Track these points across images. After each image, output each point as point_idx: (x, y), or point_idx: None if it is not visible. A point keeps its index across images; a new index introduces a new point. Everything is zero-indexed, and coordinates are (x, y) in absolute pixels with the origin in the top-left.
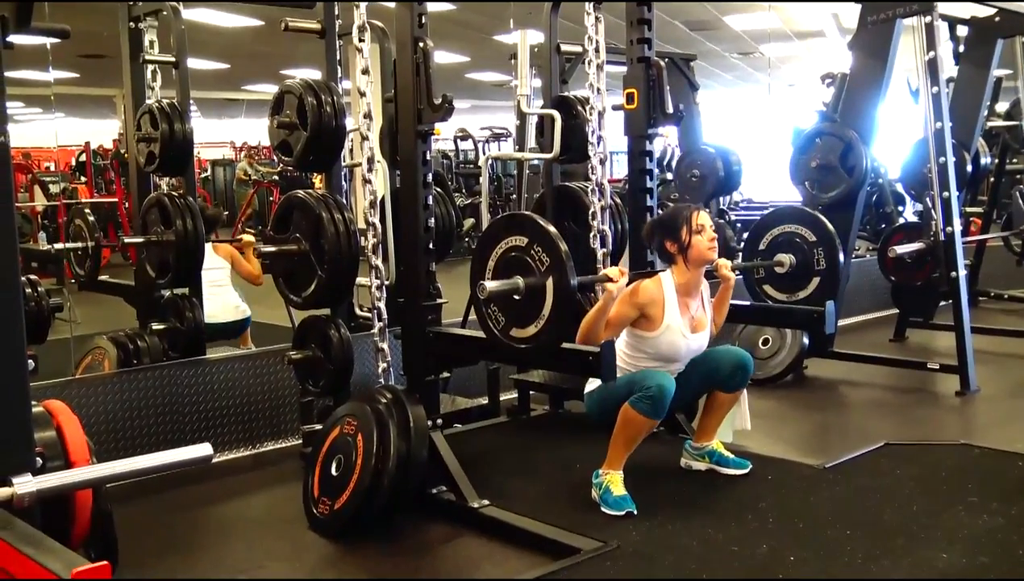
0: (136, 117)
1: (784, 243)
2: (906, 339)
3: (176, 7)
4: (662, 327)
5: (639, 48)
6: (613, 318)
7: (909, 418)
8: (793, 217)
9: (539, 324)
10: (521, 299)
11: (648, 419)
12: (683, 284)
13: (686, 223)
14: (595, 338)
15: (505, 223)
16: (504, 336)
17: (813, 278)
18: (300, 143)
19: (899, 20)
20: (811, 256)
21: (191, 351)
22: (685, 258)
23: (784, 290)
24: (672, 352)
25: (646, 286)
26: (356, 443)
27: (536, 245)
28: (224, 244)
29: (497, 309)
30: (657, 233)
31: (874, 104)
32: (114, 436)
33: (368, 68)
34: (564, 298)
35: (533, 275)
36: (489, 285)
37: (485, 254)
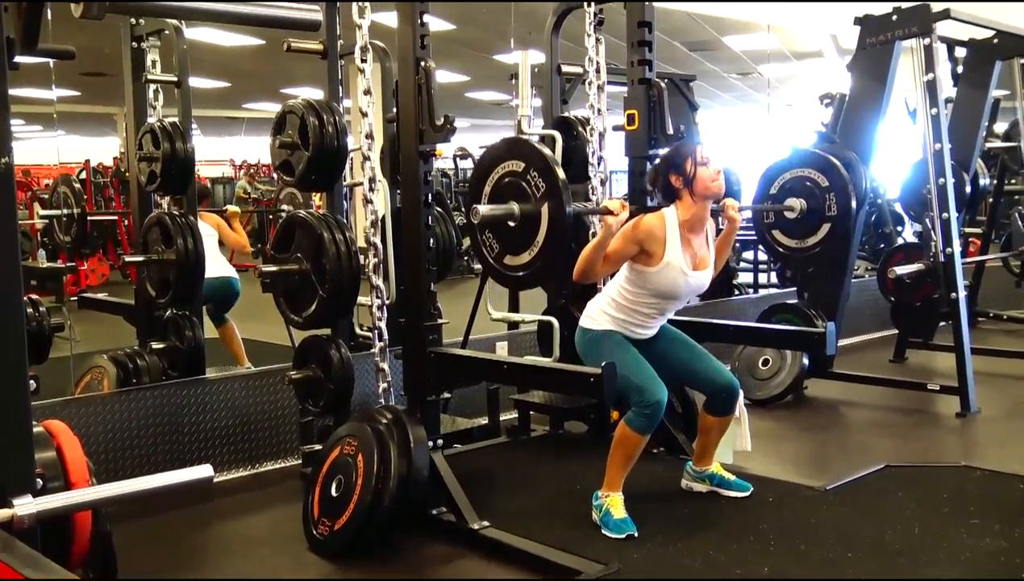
0: (138, 136)
1: (795, 188)
2: (906, 360)
3: (178, 27)
4: (662, 263)
5: (640, 69)
6: (612, 253)
7: (910, 439)
8: (806, 161)
9: (533, 251)
10: (516, 226)
11: (643, 436)
12: (687, 220)
13: (691, 156)
14: (592, 273)
15: (503, 147)
16: (498, 264)
17: (823, 224)
18: (302, 163)
19: (898, 42)
20: (822, 201)
21: (191, 370)
22: (691, 191)
23: (794, 236)
24: (672, 289)
25: (648, 221)
26: (356, 463)
27: (532, 170)
28: (211, 214)
29: (492, 236)
30: (662, 170)
31: (873, 124)
32: (114, 456)
33: (370, 88)
34: (559, 225)
35: (529, 201)
36: (482, 209)
37: (481, 179)
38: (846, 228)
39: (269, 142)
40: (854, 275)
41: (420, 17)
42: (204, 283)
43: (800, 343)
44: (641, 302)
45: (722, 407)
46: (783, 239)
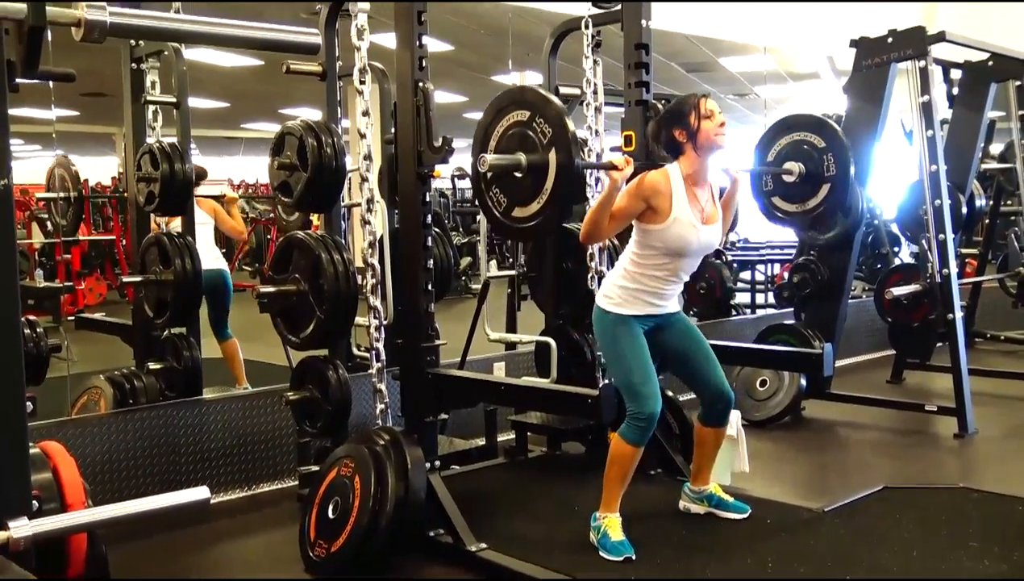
0: (136, 157)
1: (792, 152)
2: (903, 380)
3: (178, 48)
4: (670, 219)
5: (637, 91)
6: (618, 211)
7: (908, 460)
8: (800, 124)
9: (541, 200)
10: (523, 177)
11: (637, 448)
12: (691, 174)
13: (694, 109)
14: (599, 232)
15: (506, 99)
16: (506, 218)
17: (823, 185)
18: (300, 184)
19: (894, 64)
20: (820, 163)
21: (188, 391)
22: (694, 145)
23: (793, 200)
24: (682, 245)
25: (652, 177)
26: (353, 485)
27: (538, 117)
28: (208, 199)
29: (499, 190)
30: (665, 124)
31: (869, 146)
32: (110, 476)
33: (368, 110)
34: (567, 173)
35: (535, 151)
36: (490, 157)
37: (487, 132)
38: (845, 188)
39: (268, 162)
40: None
41: (418, 39)
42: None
43: (798, 364)
44: (653, 265)
45: (716, 418)
46: (784, 205)
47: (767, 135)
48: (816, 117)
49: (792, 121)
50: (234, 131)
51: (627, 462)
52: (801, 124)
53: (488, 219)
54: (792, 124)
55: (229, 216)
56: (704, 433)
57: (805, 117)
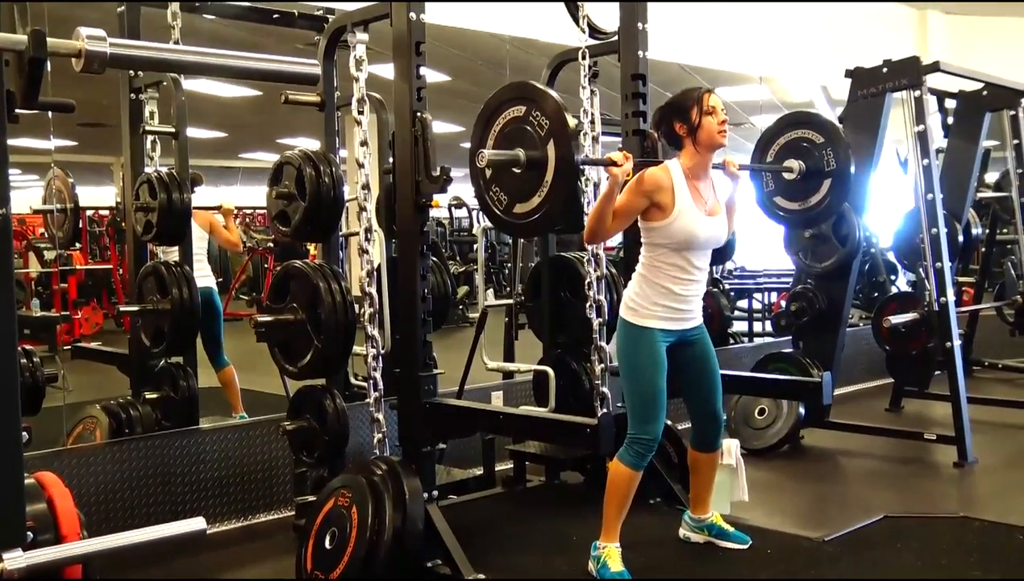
0: (135, 186)
1: (791, 149)
2: (902, 409)
3: (177, 78)
4: (675, 213)
5: (634, 121)
6: (620, 207)
7: (908, 489)
8: (797, 122)
9: (542, 193)
10: (522, 172)
11: (635, 472)
12: (692, 168)
13: (696, 104)
14: (603, 230)
15: (503, 95)
16: (508, 215)
17: (824, 181)
18: (298, 213)
19: (889, 94)
20: (820, 159)
21: (184, 421)
22: (694, 140)
23: (795, 198)
24: (689, 237)
25: (652, 172)
26: (351, 515)
27: (535, 110)
28: (203, 211)
29: (499, 188)
30: (666, 116)
31: (865, 175)
32: (105, 507)
33: (366, 140)
34: (566, 165)
35: (534, 144)
36: (488, 153)
37: (485, 130)
38: (847, 180)
39: (266, 192)
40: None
41: (416, 70)
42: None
43: (796, 392)
44: (666, 263)
45: (707, 442)
46: (785, 204)
47: (765, 136)
48: (812, 113)
49: (788, 119)
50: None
51: (625, 486)
52: (798, 121)
53: (490, 218)
54: (789, 122)
55: (225, 228)
56: (697, 459)
57: (801, 114)
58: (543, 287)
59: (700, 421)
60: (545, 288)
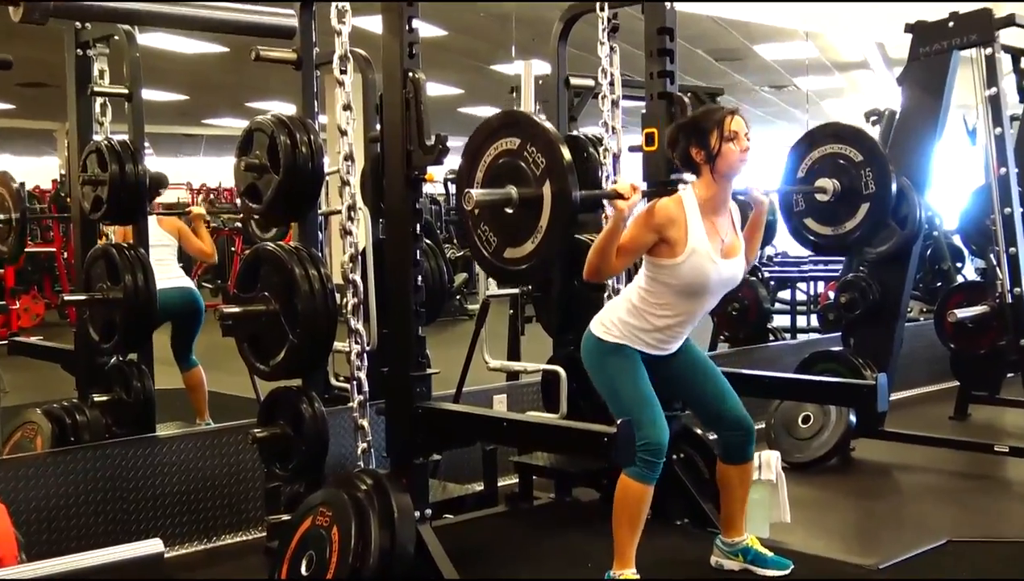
0: (82, 156)
1: (825, 167)
2: (968, 417)
3: (130, 31)
4: (686, 252)
5: (660, 82)
6: (626, 243)
7: (975, 510)
8: (833, 135)
9: (536, 239)
10: (515, 212)
11: (647, 485)
12: (708, 200)
13: (717, 127)
14: (606, 268)
15: (494, 123)
16: (497, 259)
17: (861, 205)
18: (271, 188)
19: (955, 51)
20: (858, 179)
21: (139, 427)
22: (712, 168)
23: (829, 222)
24: (700, 281)
25: (664, 205)
26: (331, 537)
27: (530, 146)
28: (170, 217)
29: (488, 229)
30: (682, 137)
31: (928, 146)
32: (47, 527)
33: (350, 103)
34: (564, 207)
35: (527, 182)
36: (475, 193)
37: (472, 163)
38: (886, 207)
39: (233, 164)
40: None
41: (408, 22)
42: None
43: (846, 397)
44: (664, 304)
45: (737, 452)
46: (817, 227)
47: (796, 149)
48: (851, 126)
49: (823, 132)
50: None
51: (635, 504)
52: (834, 135)
53: (477, 261)
54: (824, 135)
55: (196, 235)
56: (727, 472)
57: (838, 126)
58: (553, 275)
59: (721, 428)
60: (556, 276)
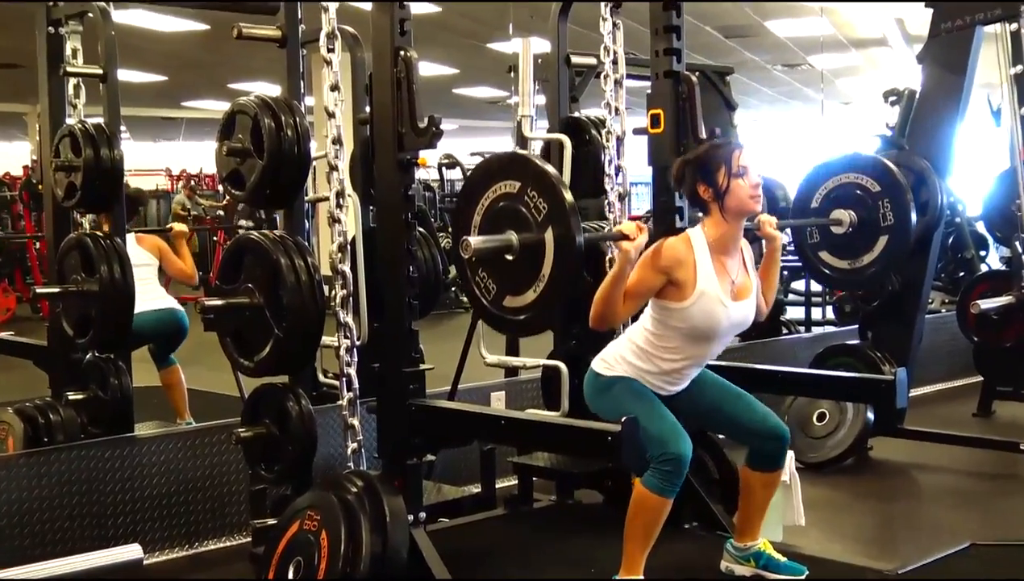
0: (54, 141)
1: (841, 197)
2: (993, 414)
3: (105, 8)
4: (695, 294)
5: (666, 60)
6: (633, 287)
7: (999, 512)
8: (850, 165)
9: (538, 287)
10: (516, 259)
11: (664, 499)
12: (718, 239)
13: (725, 163)
14: (613, 314)
15: (491, 166)
16: (497, 308)
17: (879, 237)
18: (254, 173)
19: (979, 27)
20: (875, 210)
21: (116, 427)
22: (721, 206)
23: (844, 255)
24: (709, 325)
25: (671, 245)
26: (319, 542)
27: (531, 190)
28: (150, 235)
29: (487, 275)
30: (688, 173)
31: (950, 127)
32: (19, 532)
33: (338, 83)
34: (567, 253)
35: (528, 228)
36: (474, 241)
37: (469, 207)
38: (906, 240)
39: (214, 148)
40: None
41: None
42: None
43: (863, 393)
44: (671, 347)
45: (769, 460)
46: (833, 261)
47: (810, 178)
48: (868, 156)
49: (840, 163)
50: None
51: (651, 516)
52: (851, 164)
53: (476, 310)
54: (839, 164)
55: (177, 254)
56: (753, 480)
57: (855, 156)
58: None
59: (756, 441)
60: None
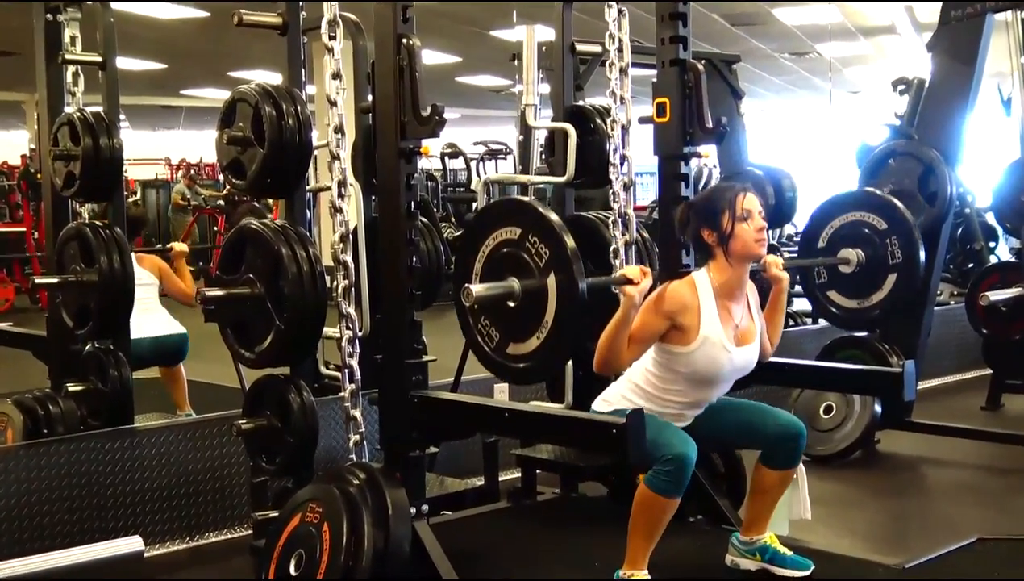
0: (52, 129)
1: (849, 236)
2: (1002, 407)
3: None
4: (699, 339)
5: (672, 48)
6: (637, 331)
7: (1007, 507)
8: (857, 203)
9: (541, 335)
10: (517, 306)
11: (668, 498)
12: (723, 284)
13: (729, 207)
14: (617, 359)
15: (493, 212)
16: (499, 355)
17: (888, 276)
18: (255, 163)
19: (990, 15)
20: (884, 249)
21: (116, 418)
22: (726, 251)
23: (852, 295)
24: (712, 370)
25: (676, 289)
26: (321, 535)
27: (532, 236)
28: (150, 255)
29: (489, 322)
30: (692, 218)
31: (960, 117)
32: (19, 525)
33: (340, 72)
34: (570, 300)
35: (530, 274)
36: (475, 288)
37: (471, 253)
38: (916, 278)
39: (215, 137)
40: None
41: None
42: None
43: (871, 386)
44: (673, 390)
45: (787, 458)
46: (841, 300)
47: (817, 215)
48: (876, 194)
49: (847, 199)
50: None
51: (654, 515)
52: (855, 202)
53: (478, 357)
54: (844, 203)
55: (177, 274)
56: (770, 477)
57: (859, 194)
58: None
59: (778, 443)
60: None
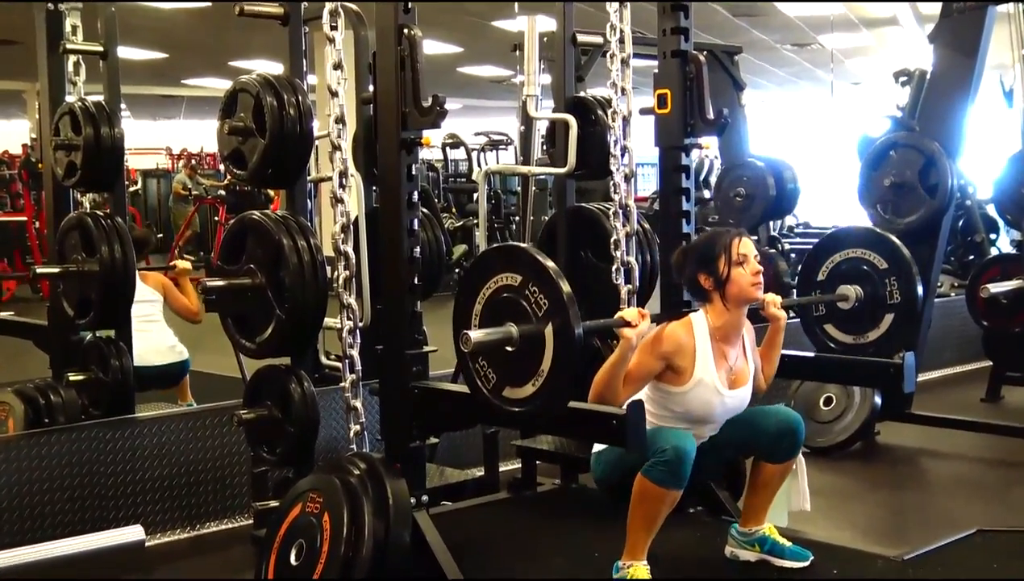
0: (54, 119)
1: (848, 272)
2: (1002, 399)
3: None
4: (692, 381)
5: (673, 39)
6: (633, 372)
7: (1007, 499)
8: (858, 239)
9: (537, 382)
10: (515, 351)
11: (668, 490)
12: (720, 328)
13: (724, 252)
14: (612, 398)
15: (493, 257)
16: (496, 397)
17: (886, 314)
18: (256, 153)
19: (992, 7)
20: (882, 287)
21: (117, 408)
22: (722, 295)
23: (850, 331)
24: (704, 412)
25: (673, 331)
26: (322, 524)
27: (532, 284)
28: (155, 273)
29: (487, 364)
30: (688, 263)
31: (961, 109)
32: (20, 514)
33: (341, 62)
34: (567, 348)
35: (529, 321)
36: (474, 335)
37: (470, 297)
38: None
39: (216, 127)
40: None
41: None
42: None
43: (871, 377)
44: (668, 425)
45: (786, 453)
46: (838, 335)
47: (817, 250)
48: (876, 232)
49: (845, 235)
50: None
51: (652, 506)
52: (857, 239)
53: (475, 398)
54: (845, 239)
55: (181, 291)
56: (768, 470)
57: (861, 231)
58: (559, 246)
59: (777, 441)
60: (562, 248)
